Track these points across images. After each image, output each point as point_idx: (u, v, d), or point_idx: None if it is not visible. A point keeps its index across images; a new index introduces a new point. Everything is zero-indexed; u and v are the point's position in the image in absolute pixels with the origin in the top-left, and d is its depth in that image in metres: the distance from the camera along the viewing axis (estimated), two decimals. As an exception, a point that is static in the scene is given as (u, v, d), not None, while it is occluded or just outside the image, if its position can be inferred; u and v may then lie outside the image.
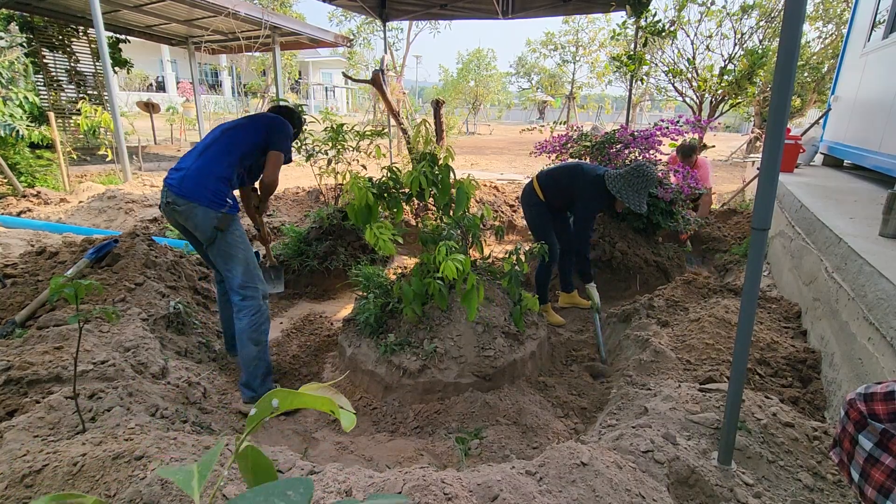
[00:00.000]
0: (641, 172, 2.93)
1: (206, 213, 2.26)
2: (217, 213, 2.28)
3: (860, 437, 1.00)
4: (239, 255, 2.37)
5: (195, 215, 2.26)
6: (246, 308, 2.35)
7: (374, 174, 2.75)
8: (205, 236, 2.32)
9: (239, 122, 2.53)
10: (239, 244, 2.37)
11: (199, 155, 2.36)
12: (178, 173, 2.31)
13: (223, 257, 2.36)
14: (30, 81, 8.20)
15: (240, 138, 2.43)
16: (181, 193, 2.25)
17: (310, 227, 4.32)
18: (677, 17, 7.33)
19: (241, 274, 2.36)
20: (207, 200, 2.26)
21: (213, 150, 2.37)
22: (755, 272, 1.35)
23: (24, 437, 1.48)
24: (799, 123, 12.34)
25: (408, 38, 20.93)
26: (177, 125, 13.12)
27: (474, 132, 26.22)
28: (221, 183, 2.33)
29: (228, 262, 2.36)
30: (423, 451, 2.09)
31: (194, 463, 0.47)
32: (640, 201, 2.94)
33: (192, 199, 2.25)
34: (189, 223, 2.32)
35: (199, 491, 0.44)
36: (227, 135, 2.43)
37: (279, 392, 0.47)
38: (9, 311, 2.51)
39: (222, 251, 2.35)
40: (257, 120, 2.54)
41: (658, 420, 1.73)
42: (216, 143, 2.40)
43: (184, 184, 2.26)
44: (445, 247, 2.31)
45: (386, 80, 5.57)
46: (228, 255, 2.35)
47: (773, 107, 1.26)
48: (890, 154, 3.78)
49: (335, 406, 0.48)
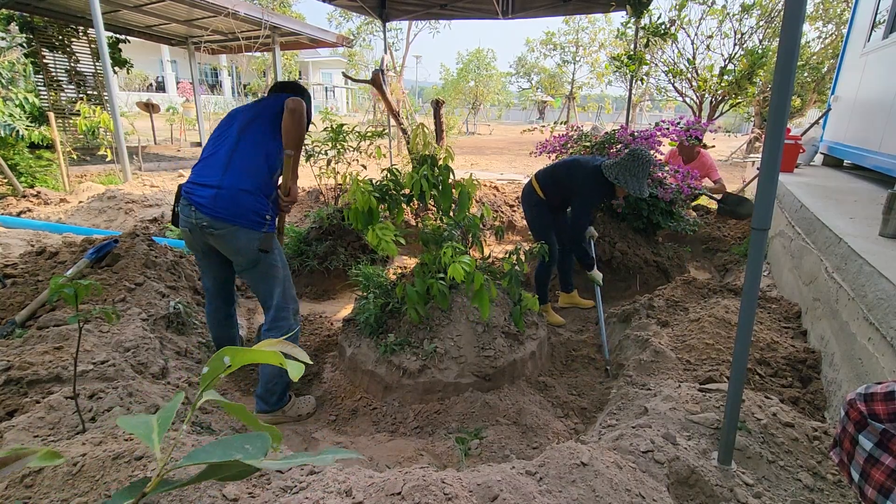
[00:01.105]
0: (637, 156, 2.91)
1: (249, 234, 2.07)
2: (260, 234, 2.09)
3: (860, 438, 1.00)
4: (279, 276, 2.21)
5: (237, 239, 2.07)
6: (278, 328, 2.23)
7: (374, 174, 2.75)
8: (247, 259, 2.13)
9: (251, 113, 2.22)
10: (280, 264, 2.22)
11: (226, 167, 2.09)
12: (208, 191, 2.06)
13: (263, 280, 2.19)
14: (30, 82, 8.20)
15: (260, 134, 2.16)
16: (218, 216, 2.03)
17: (310, 227, 4.32)
18: (678, 17, 7.34)
19: (279, 295, 2.21)
20: (249, 221, 2.06)
21: (239, 160, 2.11)
22: (755, 272, 1.35)
23: (24, 437, 1.48)
24: (799, 123, 12.33)
25: (407, 38, 20.95)
26: (177, 125, 13.12)
27: (474, 132, 26.22)
28: (260, 198, 2.11)
29: (268, 284, 2.20)
30: (423, 451, 2.09)
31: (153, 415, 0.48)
32: (639, 185, 2.93)
33: (232, 221, 2.04)
34: (227, 248, 2.12)
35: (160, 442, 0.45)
36: (245, 135, 2.15)
37: (229, 349, 0.47)
38: (9, 311, 2.51)
39: (263, 274, 2.17)
40: (271, 104, 2.23)
41: (658, 420, 1.73)
42: (239, 151, 2.12)
43: (218, 204, 2.03)
44: (451, 248, 2.31)
45: (386, 80, 5.57)
46: (269, 276, 2.19)
47: (773, 107, 1.26)
48: (890, 154, 3.78)
49: (282, 359, 0.49)
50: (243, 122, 2.19)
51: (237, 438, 0.43)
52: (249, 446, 0.42)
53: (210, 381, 0.46)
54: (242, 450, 0.42)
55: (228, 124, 2.22)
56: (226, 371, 0.47)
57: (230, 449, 0.42)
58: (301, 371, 0.50)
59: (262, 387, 2.29)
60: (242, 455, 0.41)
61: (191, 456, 0.41)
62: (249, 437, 0.43)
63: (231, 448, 0.42)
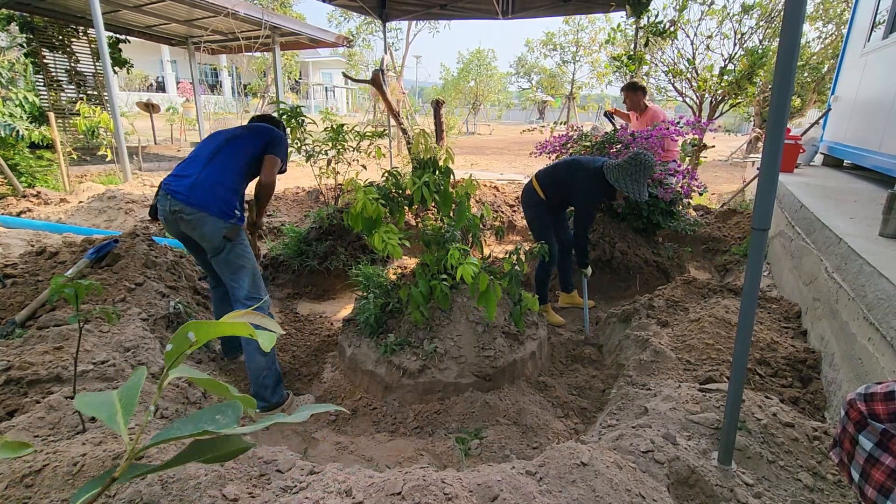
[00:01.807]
0: (639, 161, 2.93)
1: (216, 222, 2.22)
2: (227, 224, 2.24)
3: (860, 438, 1.00)
4: (247, 266, 2.34)
5: (204, 224, 2.22)
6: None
7: (373, 174, 2.74)
8: (212, 246, 2.27)
9: (239, 131, 2.50)
10: (247, 254, 2.35)
11: (206, 163, 2.30)
12: (185, 181, 2.24)
13: (230, 268, 2.32)
14: (30, 81, 8.20)
15: (243, 147, 2.40)
16: (190, 202, 2.20)
17: (310, 227, 4.32)
18: (678, 17, 7.33)
19: (248, 285, 2.33)
20: (218, 210, 2.22)
21: (220, 159, 2.32)
22: (755, 272, 1.35)
23: (24, 437, 1.48)
24: (799, 123, 12.33)
25: (407, 39, 20.95)
26: (177, 125, 13.12)
27: (474, 132, 26.22)
28: (232, 192, 2.30)
29: (236, 273, 2.32)
30: (423, 451, 2.09)
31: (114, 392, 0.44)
32: (639, 190, 2.94)
33: (202, 208, 2.20)
34: (196, 232, 2.27)
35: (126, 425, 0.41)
36: (231, 143, 2.39)
37: (192, 324, 0.45)
38: (9, 311, 2.51)
39: (230, 262, 2.31)
40: (256, 130, 2.50)
41: (658, 420, 1.73)
42: (222, 152, 2.35)
43: (193, 192, 2.21)
44: (458, 250, 2.32)
45: (386, 80, 5.57)
46: (236, 265, 2.31)
47: (773, 107, 1.26)
48: (890, 154, 3.78)
49: (252, 330, 0.46)
50: (230, 135, 2.44)
51: (207, 410, 0.41)
52: (220, 416, 0.40)
53: (175, 358, 0.44)
54: (214, 421, 0.40)
55: (216, 136, 2.45)
56: (191, 347, 0.44)
57: (201, 422, 0.40)
58: (273, 341, 0.48)
59: (253, 384, 2.34)
60: (214, 426, 0.39)
61: (161, 434, 0.39)
62: (220, 407, 0.42)
63: (202, 421, 0.40)
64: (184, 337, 0.44)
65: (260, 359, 2.31)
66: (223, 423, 0.40)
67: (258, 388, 2.33)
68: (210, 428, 0.39)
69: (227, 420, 0.40)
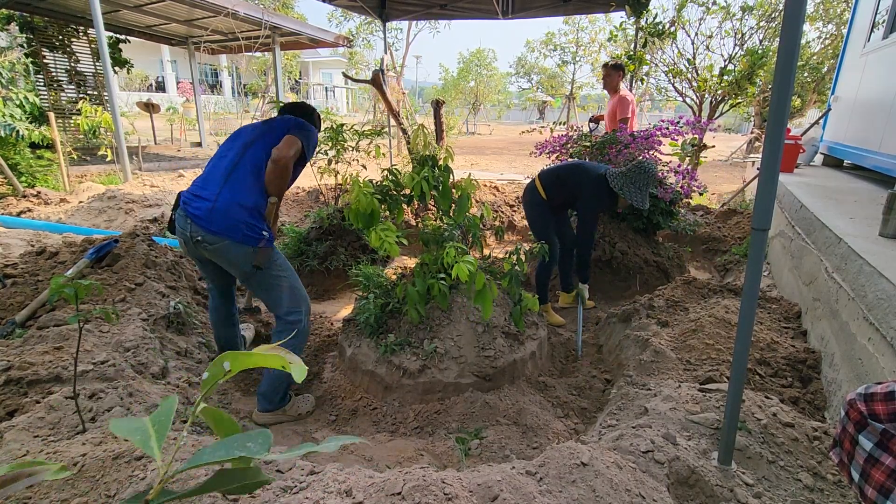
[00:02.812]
0: (643, 169, 2.95)
1: (243, 249, 2.07)
2: (254, 249, 2.08)
3: (860, 438, 1.00)
4: (283, 285, 2.20)
5: (229, 252, 2.07)
6: (289, 329, 2.22)
7: (373, 174, 2.74)
8: (240, 273, 2.15)
9: (258, 132, 2.24)
10: (282, 274, 2.20)
11: (224, 181, 2.09)
12: (204, 203, 2.06)
13: (265, 290, 2.20)
14: (30, 81, 8.20)
15: (264, 151, 2.16)
16: (211, 230, 2.03)
17: (310, 227, 4.32)
18: (677, 18, 7.34)
19: (286, 301, 2.21)
20: (242, 236, 2.05)
21: (240, 174, 2.11)
22: (755, 272, 1.35)
23: (24, 437, 1.48)
24: (799, 123, 12.33)
25: (407, 39, 20.95)
26: (177, 125, 13.12)
27: (474, 132, 26.21)
28: (255, 213, 2.10)
29: (272, 293, 2.20)
30: (423, 451, 2.09)
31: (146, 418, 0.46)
32: (642, 198, 2.96)
33: (225, 235, 2.03)
34: (222, 261, 2.13)
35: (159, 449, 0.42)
36: (250, 151, 2.16)
37: (230, 354, 0.47)
38: (9, 311, 2.51)
39: (264, 284, 2.18)
40: (277, 125, 2.26)
41: (658, 420, 1.73)
42: (240, 166, 2.13)
43: (213, 217, 2.03)
44: (455, 248, 2.32)
45: (386, 80, 5.57)
46: (271, 286, 2.19)
47: (773, 107, 1.26)
48: (890, 154, 3.78)
49: (285, 361, 0.48)
50: (248, 140, 2.21)
51: (238, 437, 0.42)
52: (251, 444, 0.41)
53: (210, 387, 0.46)
54: (244, 448, 0.40)
55: (234, 140, 2.25)
56: (226, 376, 0.46)
57: (232, 448, 0.40)
58: (304, 373, 0.50)
59: (269, 385, 2.28)
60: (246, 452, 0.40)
61: (194, 458, 0.40)
62: (250, 436, 0.42)
63: (233, 447, 0.41)
64: (220, 366, 0.46)
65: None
66: (254, 450, 0.40)
67: (270, 390, 2.28)
68: (243, 455, 0.40)
69: (258, 448, 0.41)
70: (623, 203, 3.12)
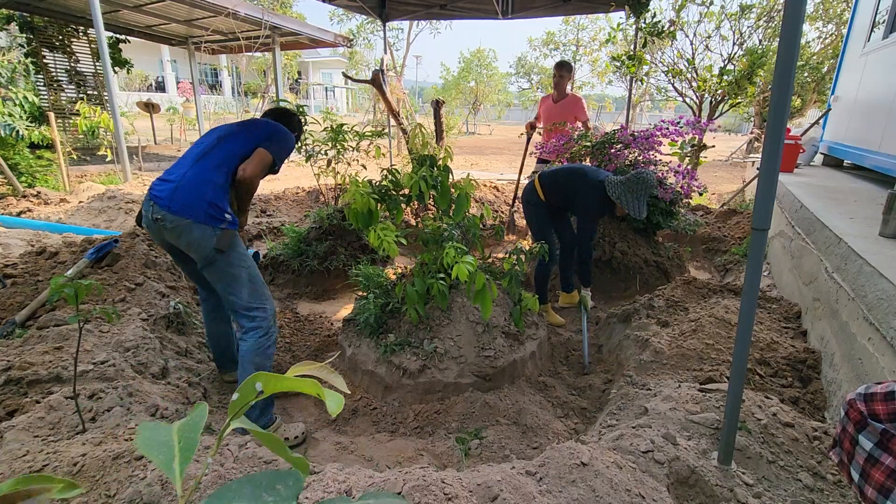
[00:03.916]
0: (641, 179, 2.94)
1: (204, 230, 1.97)
2: (216, 231, 1.99)
3: (860, 438, 1.00)
4: (243, 275, 2.09)
5: (190, 233, 1.97)
6: (252, 330, 2.09)
7: (373, 174, 2.75)
8: (201, 256, 2.02)
9: (235, 128, 2.22)
10: (242, 262, 2.09)
11: (193, 163, 2.04)
12: (168, 185, 1.99)
13: (224, 279, 2.07)
14: (30, 81, 8.20)
15: (237, 147, 2.12)
16: (172, 209, 1.94)
17: (310, 227, 4.32)
18: (676, 18, 7.34)
19: (246, 295, 2.09)
20: (204, 215, 1.96)
21: (209, 158, 2.06)
22: (755, 272, 1.35)
23: (24, 437, 1.48)
24: (799, 123, 12.34)
25: (408, 39, 20.95)
26: (177, 125, 13.12)
27: (474, 132, 26.22)
28: (221, 192, 2.03)
29: (231, 285, 2.07)
30: (423, 451, 2.09)
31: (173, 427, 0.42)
32: (639, 207, 2.95)
33: (186, 214, 1.94)
34: (181, 242, 2.02)
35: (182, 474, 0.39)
36: (223, 142, 2.13)
37: (262, 375, 0.43)
38: (9, 311, 2.51)
39: (223, 273, 2.06)
40: (256, 128, 2.22)
41: (658, 420, 1.73)
42: (212, 151, 2.09)
43: (176, 196, 1.95)
44: (454, 248, 2.31)
45: (386, 80, 5.57)
46: (230, 276, 2.06)
47: (773, 107, 1.26)
48: (890, 154, 3.78)
49: (320, 389, 0.44)
50: (223, 134, 2.17)
51: (267, 476, 0.38)
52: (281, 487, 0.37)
53: (240, 409, 0.42)
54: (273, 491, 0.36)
55: (209, 135, 2.21)
56: (257, 398, 0.43)
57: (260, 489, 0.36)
58: (341, 405, 0.44)
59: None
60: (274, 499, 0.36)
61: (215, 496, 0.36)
62: (280, 476, 0.38)
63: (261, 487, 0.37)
64: (251, 387, 0.43)
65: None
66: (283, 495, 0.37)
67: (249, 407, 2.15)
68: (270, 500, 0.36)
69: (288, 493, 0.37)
70: (620, 212, 3.11)
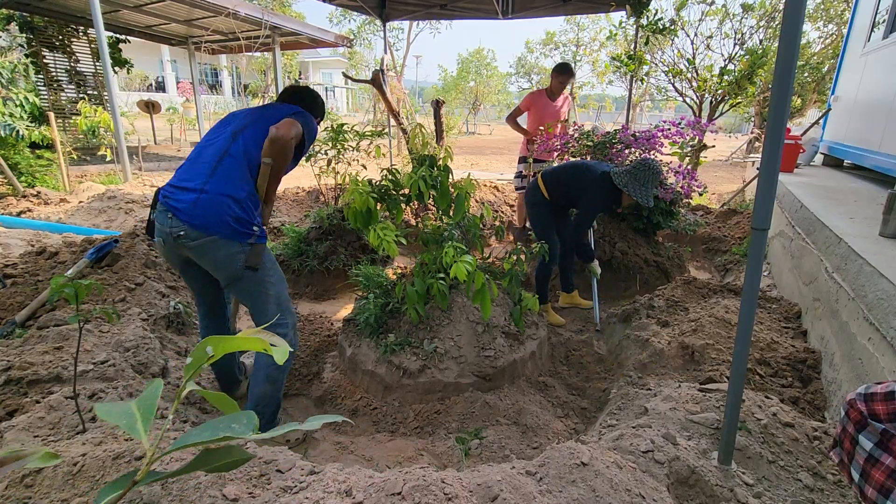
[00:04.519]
0: (647, 166, 2.95)
1: (230, 247, 1.81)
2: (244, 246, 1.84)
3: (860, 437, 1.00)
4: (271, 292, 1.96)
5: (217, 250, 1.81)
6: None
7: (373, 174, 2.74)
8: (227, 275, 1.87)
9: (250, 118, 1.98)
10: (271, 278, 1.96)
11: (212, 170, 1.84)
12: (188, 195, 1.80)
13: (251, 297, 1.95)
14: (30, 81, 8.20)
15: (255, 140, 1.91)
16: (196, 224, 1.77)
17: (310, 227, 4.32)
18: (677, 17, 7.33)
19: (272, 312, 1.98)
20: (231, 231, 1.80)
21: (228, 163, 1.86)
22: (755, 272, 1.35)
23: (24, 437, 1.48)
24: (799, 123, 12.35)
25: (408, 39, 20.95)
26: (177, 125, 13.13)
27: (474, 132, 26.22)
28: (246, 204, 1.85)
29: (258, 301, 1.96)
30: (423, 451, 2.09)
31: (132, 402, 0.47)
32: (647, 194, 2.96)
33: (211, 230, 1.78)
34: (206, 261, 1.85)
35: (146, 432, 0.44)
36: (240, 138, 1.91)
37: (212, 339, 0.47)
38: (9, 311, 2.51)
39: (250, 290, 1.93)
40: (273, 112, 2.00)
41: (658, 420, 1.73)
42: (230, 154, 1.88)
43: (197, 210, 1.77)
44: (453, 248, 2.31)
45: (386, 80, 5.57)
46: (258, 293, 1.94)
47: (773, 107, 1.26)
48: (890, 154, 3.78)
49: (266, 344, 0.49)
50: (238, 127, 1.96)
51: (224, 419, 0.43)
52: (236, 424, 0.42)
53: (193, 371, 0.46)
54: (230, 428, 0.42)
55: (223, 126, 2.01)
56: (208, 360, 0.47)
57: (218, 429, 0.41)
58: (286, 354, 0.49)
59: (253, 405, 2.04)
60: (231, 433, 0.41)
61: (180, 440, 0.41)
62: (236, 416, 0.44)
63: (219, 428, 0.42)
64: (203, 351, 0.47)
65: (267, 387, 2.00)
66: (239, 430, 0.42)
67: (256, 413, 2.15)
68: (229, 434, 0.41)
69: (243, 428, 0.42)
70: (626, 200, 3.11)
